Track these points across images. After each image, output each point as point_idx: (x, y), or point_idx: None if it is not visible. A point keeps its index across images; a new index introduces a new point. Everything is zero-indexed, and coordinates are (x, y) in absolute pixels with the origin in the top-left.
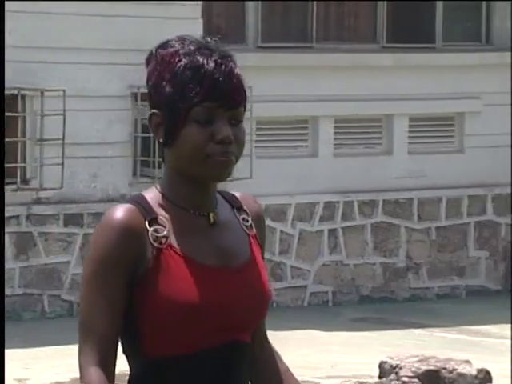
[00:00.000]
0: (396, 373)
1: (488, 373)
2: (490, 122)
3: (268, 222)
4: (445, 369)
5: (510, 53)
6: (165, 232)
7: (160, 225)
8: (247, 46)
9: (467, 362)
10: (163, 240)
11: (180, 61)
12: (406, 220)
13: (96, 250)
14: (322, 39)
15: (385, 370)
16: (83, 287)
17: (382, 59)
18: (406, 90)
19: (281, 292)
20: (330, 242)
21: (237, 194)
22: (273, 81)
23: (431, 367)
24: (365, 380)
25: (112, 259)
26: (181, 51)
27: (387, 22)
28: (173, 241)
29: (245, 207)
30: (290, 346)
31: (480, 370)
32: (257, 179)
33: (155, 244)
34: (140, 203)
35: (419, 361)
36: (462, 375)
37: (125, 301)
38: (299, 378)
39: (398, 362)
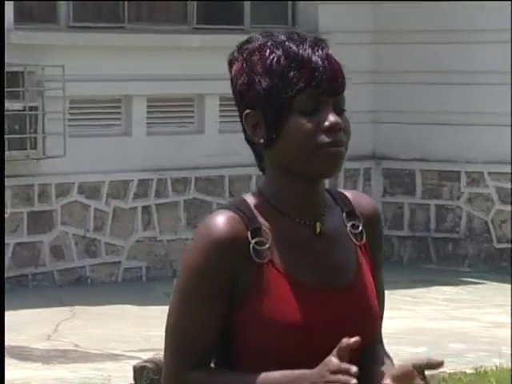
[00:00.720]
0: None
1: None
2: None
3: (82, 199)
4: None
5: (315, 34)
6: (267, 245)
7: (263, 236)
8: (59, 25)
9: None
10: (265, 254)
11: (272, 52)
12: (217, 197)
13: (194, 261)
14: (134, 20)
15: None
16: (177, 297)
17: (192, 40)
18: (217, 70)
19: (95, 268)
20: (143, 219)
21: (348, 195)
22: (85, 60)
23: None
24: None
25: (212, 273)
26: (269, 43)
27: (198, 3)
28: (274, 255)
29: (356, 211)
30: (105, 320)
31: None
32: (70, 157)
33: (256, 259)
34: (242, 210)
35: None
36: None
37: (223, 317)
38: (115, 352)
39: None
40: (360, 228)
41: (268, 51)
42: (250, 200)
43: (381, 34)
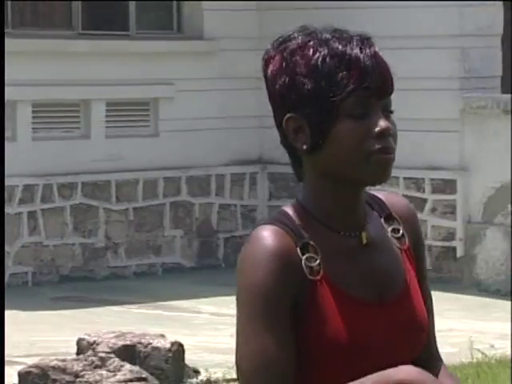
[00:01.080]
0: (93, 349)
1: (181, 345)
2: (182, 107)
3: None
4: (140, 343)
5: (199, 41)
6: (318, 261)
7: (312, 252)
8: None
9: (162, 335)
10: (316, 270)
11: (317, 51)
12: (104, 201)
13: (258, 279)
14: (18, 25)
15: (83, 347)
16: (252, 320)
17: (78, 46)
18: (103, 75)
19: None
20: (29, 224)
21: (381, 197)
22: None
23: (127, 342)
24: (63, 357)
25: (276, 293)
26: (312, 42)
27: (82, 9)
28: (325, 271)
29: (393, 213)
30: None
31: (173, 343)
32: None
33: (309, 275)
34: (287, 224)
35: (116, 336)
36: (156, 348)
37: (294, 337)
38: None
39: (95, 339)
40: (401, 231)
41: (312, 50)
42: (292, 213)
43: (266, 40)
